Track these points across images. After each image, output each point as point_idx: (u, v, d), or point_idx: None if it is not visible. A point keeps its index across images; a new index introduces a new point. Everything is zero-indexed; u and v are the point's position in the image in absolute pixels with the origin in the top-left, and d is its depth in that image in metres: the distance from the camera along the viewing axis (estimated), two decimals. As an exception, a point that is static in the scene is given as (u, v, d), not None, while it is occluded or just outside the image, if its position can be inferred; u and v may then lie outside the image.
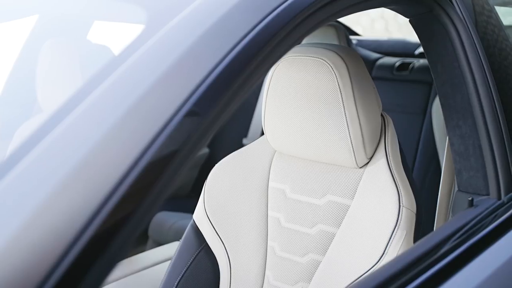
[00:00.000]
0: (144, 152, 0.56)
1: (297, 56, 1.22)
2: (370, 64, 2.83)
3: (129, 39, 0.65)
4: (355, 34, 3.44)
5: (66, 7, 0.91)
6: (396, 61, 2.78)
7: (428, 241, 0.94)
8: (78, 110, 0.57)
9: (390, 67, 2.76)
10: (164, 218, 2.62)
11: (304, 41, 2.96)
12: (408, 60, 2.78)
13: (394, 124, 2.78)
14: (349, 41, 2.93)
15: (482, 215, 1.00)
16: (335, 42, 2.86)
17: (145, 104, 0.58)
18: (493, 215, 1.01)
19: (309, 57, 1.21)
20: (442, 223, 1.37)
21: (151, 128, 0.57)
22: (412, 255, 0.87)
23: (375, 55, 2.91)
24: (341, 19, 6.06)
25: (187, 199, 2.90)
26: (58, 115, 0.57)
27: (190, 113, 0.60)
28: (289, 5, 0.76)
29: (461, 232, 0.93)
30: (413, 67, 2.70)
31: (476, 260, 0.88)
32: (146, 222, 0.57)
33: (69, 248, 0.48)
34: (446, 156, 1.22)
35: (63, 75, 1.51)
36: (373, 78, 2.81)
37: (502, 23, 1.30)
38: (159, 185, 0.57)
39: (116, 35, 0.73)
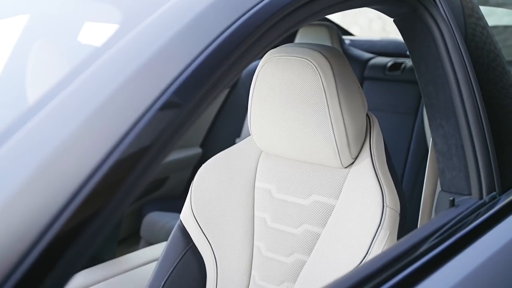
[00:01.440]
0: (111, 151, 0.56)
1: (282, 56, 1.22)
2: (362, 64, 2.83)
3: (103, 38, 0.65)
4: (349, 34, 3.45)
5: (48, 6, 0.91)
6: (388, 61, 2.78)
7: (407, 240, 0.94)
8: (46, 110, 0.57)
9: (382, 67, 2.76)
10: (156, 219, 2.62)
11: (296, 41, 2.96)
12: (400, 60, 2.78)
13: (386, 124, 2.80)
14: (341, 41, 2.93)
15: (462, 215, 1.00)
16: (328, 42, 2.86)
17: (113, 103, 0.58)
18: (474, 215, 1.01)
19: (294, 57, 1.21)
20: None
21: (118, 127, 0.57)
22: (390, 255, 0.87)
23: (367, 55, 2.91)
24: (339, 19, 6.07)
25: (180, 200, 2.90)
26: (27, 114, 0.57)
27: (160, 112, 0.60)
28: (265, 5, 0.76)
29: (440, 232, 0.94)
30: (405, 67, 2.70)
31: (454, 260, 0.88)
32: (114, 221, 0.57)
33: (30, 249, 0.48)
34: (430, 156, 1.22)
35: (53, 75, 1.51)
36: (365, 78, 2.83)
37: (488, 26, 1.30)
38: (128, 184, 0.57)
39: (97, 35, 0.73)
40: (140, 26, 0.67)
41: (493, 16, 2.68)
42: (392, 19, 1.21)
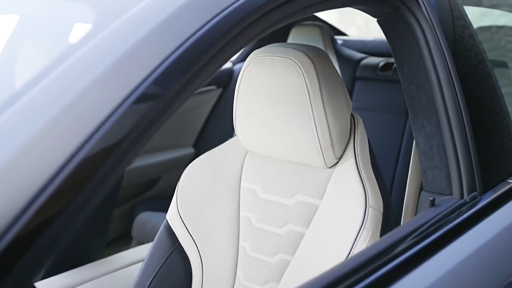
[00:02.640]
0: (77, 149, 0.56)
1: (266, 56, 1.22)
2: (354, 64, 2.83)
3: (76, 37, 0.65)
4: (342, 34, 3.45)
5: (20, 6, 0.91)
6: (379, 61, 2.78)
7: (384, 240, 0.94)
8: (13, 109, 0.57)
9: (374, 67, 2.76)
10: (148, 219, 2.62)
11: (289, 41, 2.96)
12: (391, 60, 2.78)
13: (377, 124, 2.80)
14: (334, 41, 2.93)
15: (441, 214, 1.00)
16: (320, 42, 2.86)
17: (81, 102, 0.58)
18: (453, 214, 1.01)
19: (277, 57, 1.21)
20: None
21: (85, 127, 0.57)
22: (366, 254, 0.87)
23: (359, 55, 2.91)
24: (336, 19, 6.06)
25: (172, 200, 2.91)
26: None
27: (129, 111, 0.60)
28: (239, 6, 0.76)
29: (418, 232, 0.94)
30: (396, 67, 2.70)
31: (431, 260, 0.88)
32: (82, 219, 0.57)
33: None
34: (413, 156, 1.22)
35: (23, 75, 1.51)
36: (357, 78, 2.83)
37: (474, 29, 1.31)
38: (95, 181, 0.57)
39: (70, 34, 0.73)
40: (112, 26, 0.67)
41: (490, 17, 2.68)
42: (376, 19, 1.21)
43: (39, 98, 0.58)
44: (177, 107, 0.66)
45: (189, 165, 1.43)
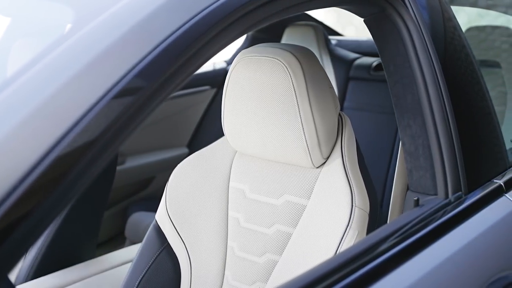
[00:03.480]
0: (51, 148, 0.56)
1: (253, 56, 1.22)
2: (348, 64, 2.83)
3: (52, 37, 0.65)
4: (337, 34, 3.45)
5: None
6: (373, 61, 2.78)
7: (366, 240, 0.94)
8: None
9: (367, 67, 2.76)
10: (141, 219, 2.62)
11: (282, 41, 2.96)
12: (385, 60, 2.78)
13: (371, 124, 2.80)
14: (327, 41, 2.93)
15: (425, 214, 1.00)
16: (314, 42, 2.86)
17: (54, 101, 0.58)
18: (437, 214, 1.01)
19: (264, 57, 1.21)
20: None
21: (59, 125, 0.57)
22: (347, 254, 0.88)
23: (353, 55, 2.91)
24: (334, 19, 6.07)
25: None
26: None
27: (103, 111, 0.60)
28: (219, 6, 0.76)
29: (400, 232, 0.94)
30: None
31: (412, 259, 0.88)
32: (54, 217, 0.57)
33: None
34: (399, 156, 1.22)
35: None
36: (351, 78, 2.83)
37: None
38: (69, 179, 0.57)
39: (47, 34, 0.73)
40: (90, 25, 0.67)
41: (488, 17, 2.68)
42: (363, 19, 1.21)
43: (11, 98, 0.58)
44: (155, 107, 0.66)
45: (178, 165, 1.43)
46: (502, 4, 2.67)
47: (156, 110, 2.49)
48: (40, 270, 1.69)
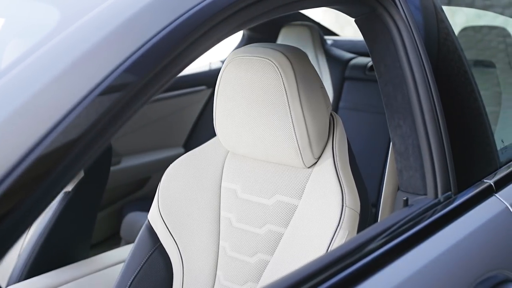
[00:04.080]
0: (33, 147, 0.56)
1: (244, 56, 1.22)
2: (343, 64, 2.83)
3: (36, 37, 0.65)
4: (333, 34, 3.45)
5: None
6: (368, 61, 2.78)
7: (354, 240, 0.94)
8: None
9: (363, 67, 2.77)
10: (137, 219, 2.62)
11: (278, 41, 2.96)
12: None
13: (366, 124, 2.79)
14: (323, 41, 2.93)
15: (413, 214, 1.00)
16: (309, 42, 2.86)
17: (37, 102, 0.58)
18: (426, 214, 1.01)
19: (256, 57, 1.21)
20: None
21: (41, 125, 0.57)
22: (335, 254, 0.88)
23: (348, 55, 2.91)
24: (332, 19, 6.06)
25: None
26: None
27: (85, 112, 0.60)
28: (206, 6, 0.76)
29: (388, 232, 0.94)
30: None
31: (400, 259, 0.88)
32: (36, 217, 0.57)
33: None
34: (390, 156, 1.22)
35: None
36: (346, 78, 2.83)
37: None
38: (50, 180, 0.57)
39: (31, 34, 0.74)
40: (74, 25, 0.67)
41: (486, 17, 2.69)
42: (354, 19, 1.21)
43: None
44: (139, 107, 0.66)
45: (171, 165, 1.43)
46: (498, 5, 2.68)
47: (152, 110, 2.50)
48: (33, 270, 1.69)
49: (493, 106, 2.41)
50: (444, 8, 1.33)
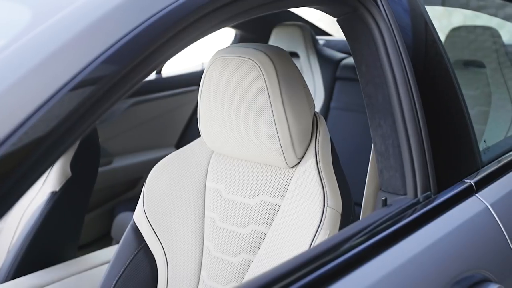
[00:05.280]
0: None
1: (227, 56, 1.22)
2: (334, 64, 2.83)
3: (4, 36, 0.65)
4: (326, 34, 3.45)
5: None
6: (359, 61, 2.78)
7: (331, 239, 0.94)
8: None
9: (354, 67, 2.76)
10: (128, 219, 2.62)
11: (270, 40, 2.96)
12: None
13: (358, 124, 2.79)
14: (315, 41, 2.93)
15: (391, 214, 1.00)
16: (301, 42, 2.86)
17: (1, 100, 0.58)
18: (404, 214, 1.01)
19: (238, 57, 1.21)
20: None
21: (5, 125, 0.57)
22: (309, 254, 0.88)
23: (340, 55, 2.91)
24: (330, 20, 6.06)
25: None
26: None
27: (48, 114, 0.61)
28: (178, 6, 0.76)
29: (365, 231, 0.94)
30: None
31: (375, 259, 0.88)
32: (2, 215, 0.57)
33: None
34: (371, 156, 1.22)
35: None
36: (338, 78, 2.83)
37: None
38: (14, 178, 0.58)
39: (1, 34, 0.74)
40: (43, 26, 0.67)
41: (483, 17, 2.69)
42: (336, 19, 1.21)
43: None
44: (107, 108, 0.66)
45: (156, 165, 1.43)
46: (492, 6, 2.68)
47: (144, 110, 2.48)
48: (20, 270, 1.69)
49: (483, 106, 2.42)
50: (440, 8, 1.33)
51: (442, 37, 2.50)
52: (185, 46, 0.80)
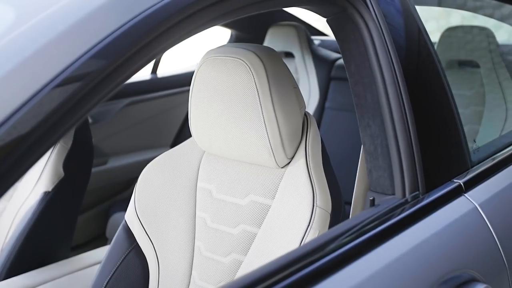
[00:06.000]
0: None
1: (218, 56, 1.23)
2: (329, 64, 2.84)
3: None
4: (322, 34, 3.45)
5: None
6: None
7: (317, 239, 0.94)
8: None
9: (349, 67, 2.76)
10: (122, 219, 2.61)
11: (265, 40, 2.96)
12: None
13: (352, 124, 2.79)
14: (310, 41, 2.93)
15: (378, 214, 1.00)
16: (296, 42, 2.86)
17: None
18: (391, 214, 1.01)
19: (228, 57, 1.21)
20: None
21: None
22: (294, 254, 0.88)
23: (335, 55, 2.92)
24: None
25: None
26: None
27: (29, 114, 0.61)
28: (163, 6, 0.76)
29: (350, 232, 0.94)
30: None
31: (361, 259, 0.88)
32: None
33: None
34: (361, 156, 1.22)
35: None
36: (332, 78, 2.83)
37: None
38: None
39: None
40: (25, 26, 0.67)
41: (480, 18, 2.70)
42: (325, 19, 1.21)
43: None
44: (90, 108, 0.66)
45: (148, 165, 1.43)
46: (489, 6, 2.68)
47: (139, 110, 2.48)
48: (13, 270, 1.69)
49: (478, 106, 2.42)
50: (438, 9, 1.33)
51: (438, 37, 2.50)
52: (170, 46, 0.80)
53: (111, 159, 2.82)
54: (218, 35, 3.54)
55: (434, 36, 2.50)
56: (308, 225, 1.13)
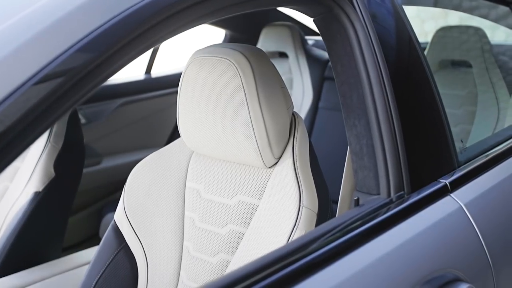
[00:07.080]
0: None
1: (205, 56, 1.23)
2: (323, 64, 2.84)
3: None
4: (316, 34, 3.45)
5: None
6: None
7: (301, 238, 0.94)
8: None
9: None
10: (116, 219, 2.61)
11: (259, 41, 2.96)
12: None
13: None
14: (304, 41, 2.94)
15: (362, 214, 1.00)
16: (290, 42, 2.87)
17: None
18: (375, 214, 1.01)
19: (215, 58, 1.21)
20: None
21: None
22: (276, 254, 0.88)
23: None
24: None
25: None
26: None
27: (8, 110, 0.61)
28: (144, 6, 0.76)
29: (333, 231, 0.94)
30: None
31: (343, 259, 0.88)
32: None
33: None
34: (348, 156, 1.22)
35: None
36: (326, 78, 2.84)
37: None
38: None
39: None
40: (2, 26, 0.67)
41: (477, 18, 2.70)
42: (312, 19, 1.21)
43: None
44: (67, 108, 0.66)
45: (137, 165, 1.43)
46: (484, 6, 2.68)
47: (133, 110, 2.47)
48: (3, 270, 1.69)
49: (469, 106, 2.42)
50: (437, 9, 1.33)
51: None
52: (151, 45, 0.80)
53: (105, 159, 2.82)
54: (216, 35, 3.54)
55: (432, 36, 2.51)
56: (294, 225, 1.13)
